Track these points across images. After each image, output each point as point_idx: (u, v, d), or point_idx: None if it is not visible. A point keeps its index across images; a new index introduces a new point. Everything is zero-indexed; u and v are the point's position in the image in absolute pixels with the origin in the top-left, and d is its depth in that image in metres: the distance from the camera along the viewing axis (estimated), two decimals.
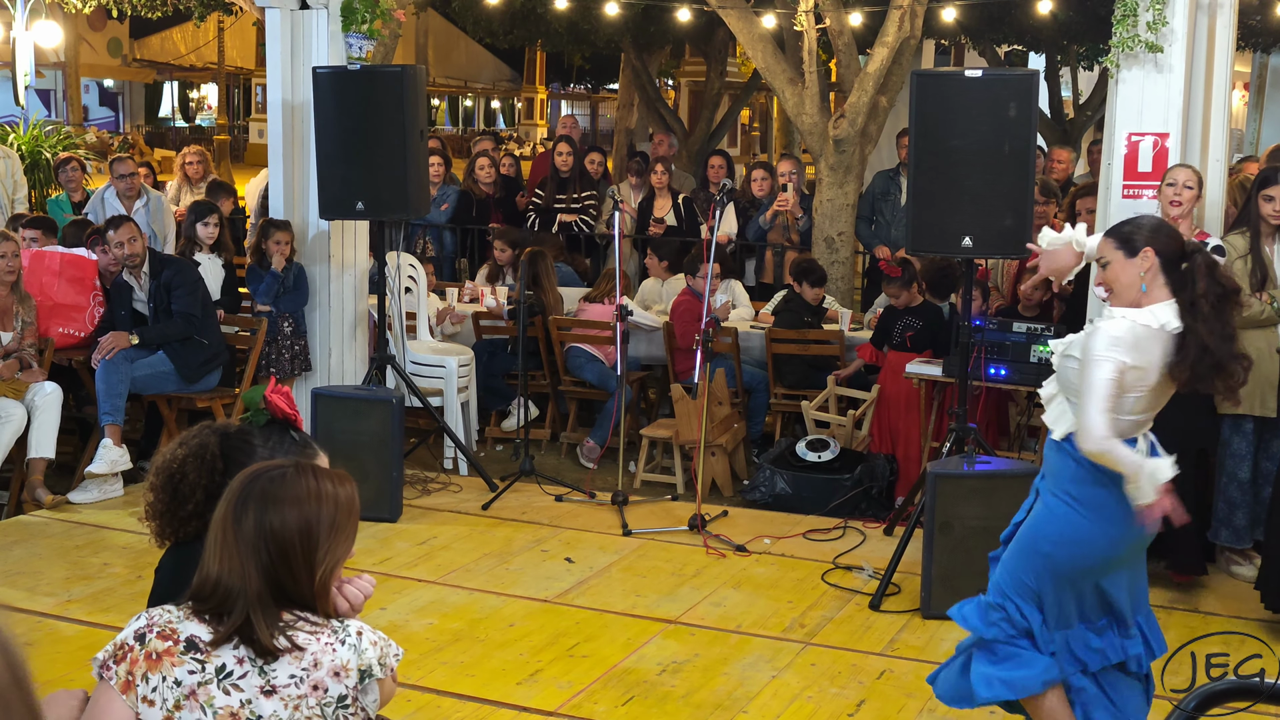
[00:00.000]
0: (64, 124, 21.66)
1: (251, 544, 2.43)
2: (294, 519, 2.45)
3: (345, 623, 2.50)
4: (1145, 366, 3.71)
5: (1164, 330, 3.72)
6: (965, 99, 5.85)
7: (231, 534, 2.45)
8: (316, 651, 2.42)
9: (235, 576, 2.42)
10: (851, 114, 9.17)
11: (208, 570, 2.46)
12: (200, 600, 2.45)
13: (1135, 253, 3.81)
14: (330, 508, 2.50)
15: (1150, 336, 3.72)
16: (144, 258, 7.27)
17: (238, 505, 2.47)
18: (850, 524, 6.84)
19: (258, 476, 2.51)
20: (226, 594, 2.42)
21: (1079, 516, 3.82)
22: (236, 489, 2.50)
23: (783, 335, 8.04)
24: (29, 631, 5.23)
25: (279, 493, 2.47)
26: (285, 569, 2.45)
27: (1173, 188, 5.82)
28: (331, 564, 2.51)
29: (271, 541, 2.44)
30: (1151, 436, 3.88)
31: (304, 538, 2.46)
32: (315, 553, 2.47)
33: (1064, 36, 15.48)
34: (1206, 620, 5.66)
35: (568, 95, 44.27)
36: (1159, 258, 3.78)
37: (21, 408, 6.74)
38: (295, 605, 2.46)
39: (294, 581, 2.46)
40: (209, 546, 2.48)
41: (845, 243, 9.50)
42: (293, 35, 7.64)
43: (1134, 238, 3.83)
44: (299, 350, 7.81)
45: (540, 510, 7.01)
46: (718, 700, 4.80)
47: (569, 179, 10.40)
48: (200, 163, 11.14)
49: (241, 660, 2.39)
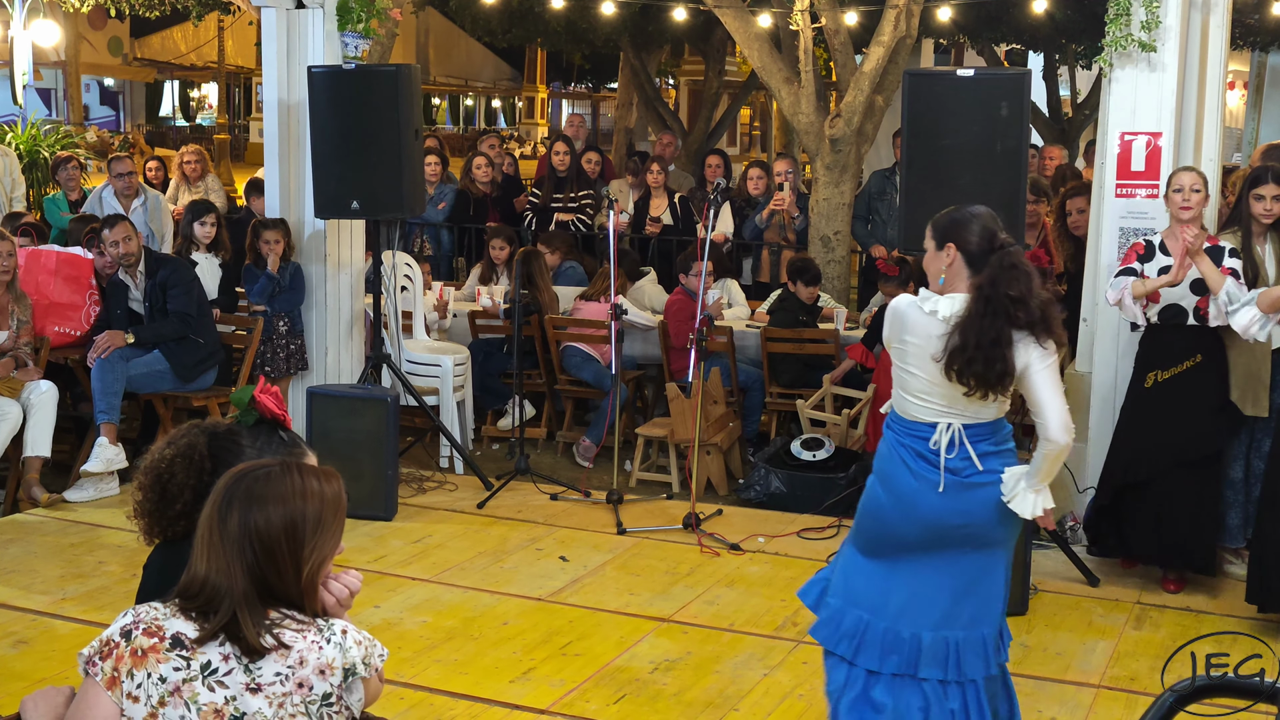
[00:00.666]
0: (64, 123, 21.69)
1: (237, 543, 2.44)
2: (279, 517, 2.46)
3: (330, 621, 2.51)
4: (920, 343, 3.81)
5: (935, 317, 3.79)
6: (957, 98, 5.87)
7: (217, 533, 2.46)
8: (302, 649, 2.44)
9: (221, 575, 2.44)
10: (847, 113, 9.18)
11: (195, 569, 2.47)
12: (187, 598, 2.46)
13: (941, 246, 3.89)
14: (316, 505, 2.51)
15: (924, 320, 3.82)
16: (139, 257, 7.28)
17: (223, 505, 2.48)
18: (845, 523, 6.83)
19: (243, 476, 2.52)
20: (214, 592, 2.43)
21: (876, 485, 3.98)
22: (222, 488, 2.51)
23: (778, 334, 8.05)
24: (24, 630, 5.25)
25: (264, 491, 2.48)
26: (271, 567, 2.46)
27: (1180, 193, 5.77)
28: (318, 561, 2.52)
29: (256, 540, 2.45)
30: (958, 433, 3.85)
31: (289, 536, 2.47)
32: (301, 550, 2.48)
33: (1062, 35, 15.50)
34: (1199, 619, 5.67)
35: (568, 94, 44.28)
36: (961, 253, 3.84)
37: (17, 406, 6.76)
38: (282, 603, 2.47)
39: (280, 580, 2.47)
40: (196, 545, 2.49)
41: (841, 242, 9.51)
42: (288, 34, 7.65)
43: (946, 232, 3.89)
44: (295, 349, 7.83)
45: (535, 509, 7.02)
46: (709, 698, 4.81)
47: (566, 178, 10.41)
48: (198, 162, 11.16)
49: (227, 657, 2.40)
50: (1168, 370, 5.86)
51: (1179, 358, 5.84)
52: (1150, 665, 5.16)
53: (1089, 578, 6.04)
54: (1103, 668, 5.15)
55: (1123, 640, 5.42)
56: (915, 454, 3.86)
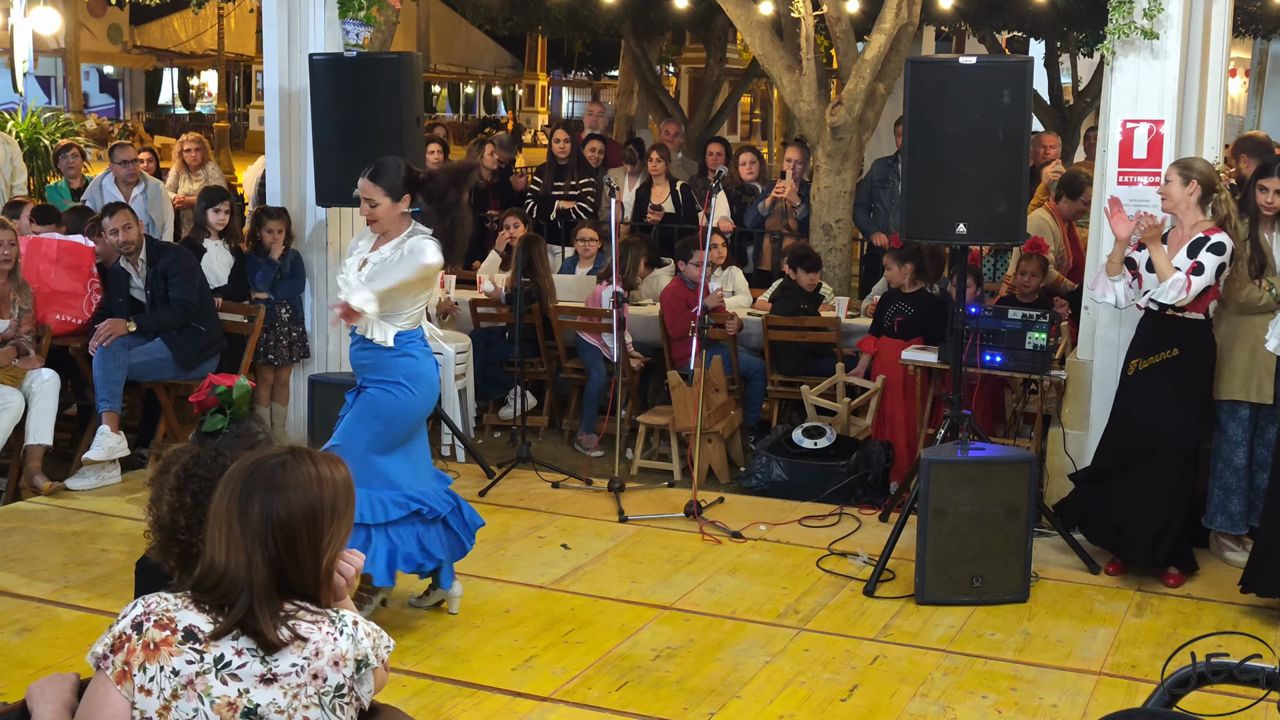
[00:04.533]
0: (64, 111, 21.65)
1: (258, 534, 2.42)
2: (299, 505, 2.45)
3: (342, 613, 2.50)
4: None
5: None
6: (959, 86, 5.86)
7: (237, 525, 2.43)
8: (318, 641, 2.43)
9: (241, 568, 2.42)
10: (849, 101, 9.17)
11: (212, 561, 2.45)
12: (203, 590, 2.44)
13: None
14: (330, 492, 2.50)
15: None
16: (140, 245, 7.28)
17: (243, 496, 2.45)
18: (846, 510, 6.86)
19: (259, 466, 2.49)
20: (231, 584, 2.41)
21: (405, 389, 5.11)
22: (238, 480, 2.48)
23: (779, 322, 8.04)
24: (27, 617, 5.26)
25: (281, 480, 2.46)
26: (291, 558, 2.44)
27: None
28: (336, 549, 2.52)
29: (279, 530, 2.43)
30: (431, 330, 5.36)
31: (310, 525, 2.46)
32: (321, 539, 2.47)
33: (1064, 23, 15.46)
34: (1199, 606, 5.68)
35: (569, 82, 44.17)
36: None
37: (19, 395, 6.76)
38: (297, 594, 2.46)
39: (299, 570, 2.45)
40: (212, 538, 2.47)
41: (843, 230, 9.50)
42: (289, 22, 7.64)
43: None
44: (297, 337, 7.83)
45: (537, 497, 7.03)
46: (711, 685, 4.82)
47: (567, 166, 10.40)
48: (198, 150, 11.12)
49: (240, 651, 2.39)
50: (1147, 359, 5.88)
51: (1157, 348, 5.86)
52: (1151, 653, 5.17)
53: (1090, 565, 6.05)
54: (1104, 655, 5.16)
55: (1124, 628, 5.44)
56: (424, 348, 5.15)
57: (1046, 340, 6.64)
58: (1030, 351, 6.65)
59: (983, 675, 4.97)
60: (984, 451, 5.76)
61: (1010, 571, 5.65)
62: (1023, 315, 6.72)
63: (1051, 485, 6.65)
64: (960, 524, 5.58)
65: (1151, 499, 5.82)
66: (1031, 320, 6.67)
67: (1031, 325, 6.66)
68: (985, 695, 4.80)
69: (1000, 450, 5.98)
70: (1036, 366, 6.69)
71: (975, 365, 6.64)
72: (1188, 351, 5.81)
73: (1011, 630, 5.39)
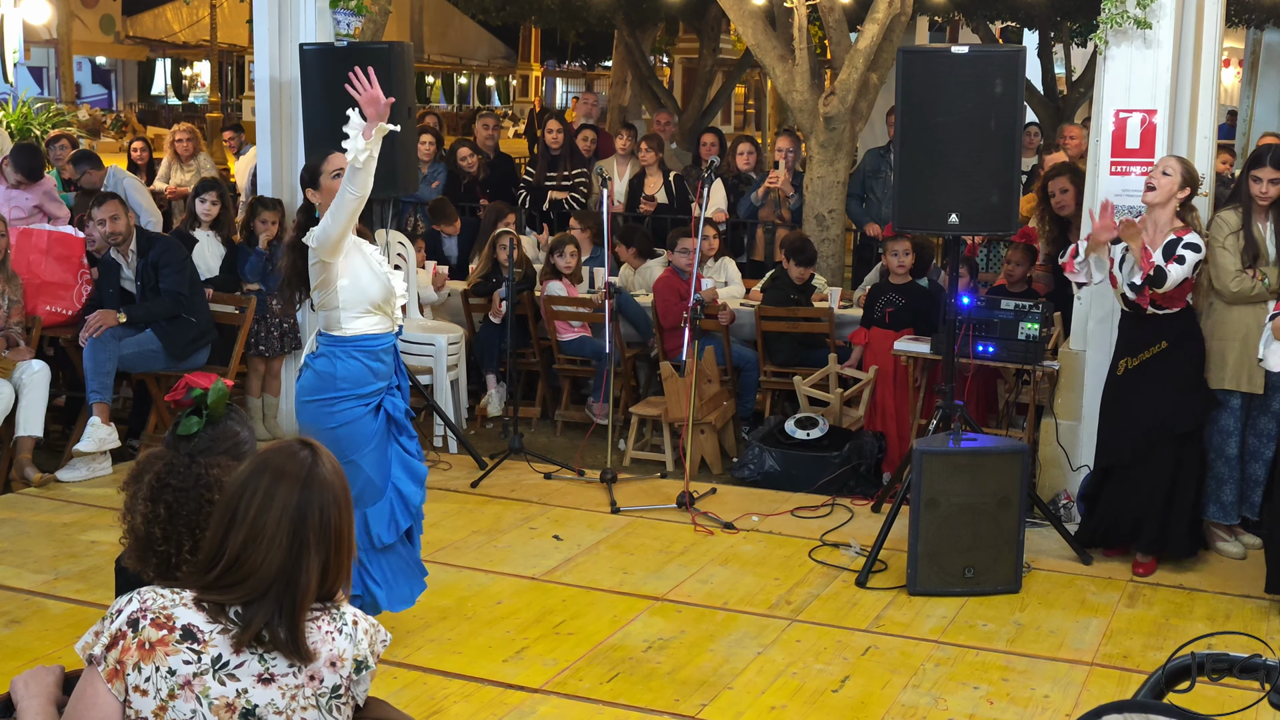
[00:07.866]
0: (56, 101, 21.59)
1: (297, 531, 2.37)
2: (330, 501, 2.41)
3: (342, 610, 2.46)
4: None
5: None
6: (952, 76, 5.85)
7: (286, 530, 2.36)
8: (316, 640, 2.39)
9: (272, 566, 2.35)
10: (842, 91, 9.15)
11: (241, 559, 2.36)
12: (221, 589, 2.36)
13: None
14: (343, 485, 2.47)
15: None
16: (129, 236, 7.25)
17: (300, 500, 2.38)
18: (838, 501, 6.86)
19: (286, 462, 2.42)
20: (258, 584, 2.34)
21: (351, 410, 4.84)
22: (267, 478, 2.40)
23: (772, 313, 8.03)
24: (17, 609, 5.25)
25: (321, 480, 2.41)
26: (336, 556, 2.41)
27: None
28: (350, 540, 2.49)
29: (320, 528, 2.39)
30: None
31: (348, 521, 2.44)
32: (350, 533, 2.45)
33: (1057, 13, 15.46)
34: (1191, 596, 5.69)
35: (562, 73, 44.07)
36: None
37: (9, 386, 6.74)
38: (328, 595, 2.43)
39: (338, 568, 2.42)
40: (240, 537, 2.37)
41: (836, 220, 9.48)
42: (280, 12, 7.61)
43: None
44: (288, 328, 7.81)
45: (529, 488, 7.02)
46: (703, 676, 4.82)
47: (559, 156, 10.38)
48: (190, 140, 11.11)
49: (239, 649, 2.34)
50: (1136, 357, 5.89)
51: (1144, 345, 5.86)
52: (1143, 643, 5.17)
53: (1082, 556, 6.04)
54: (1096, 645, 5.16)
55: (1115, 618, 5.43)
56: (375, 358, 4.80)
57: (1039, 330, 6.63)
58: (1023, 342, 6.63)
59: (975, 666, 4.97)
60: (976, 442, 5.75)
61: (1002, 562, 5.64)
62: (1015, 306, 6.71)
63: (1044, 476, 6.64)
64: (952, 515, 5.58)
65: (1171, 489, 5.82)
66: (1024, 311, 6.66)
67: (1024, 316, 6.65)
68: (977, 686, 4.80)
69: (992, 441, 5.97)
70: (1029, 357, 6.68)
71: (968, 356, 6.63)
72: (1175, 343, 5.82)
73: (1003, 621, 5.39)
